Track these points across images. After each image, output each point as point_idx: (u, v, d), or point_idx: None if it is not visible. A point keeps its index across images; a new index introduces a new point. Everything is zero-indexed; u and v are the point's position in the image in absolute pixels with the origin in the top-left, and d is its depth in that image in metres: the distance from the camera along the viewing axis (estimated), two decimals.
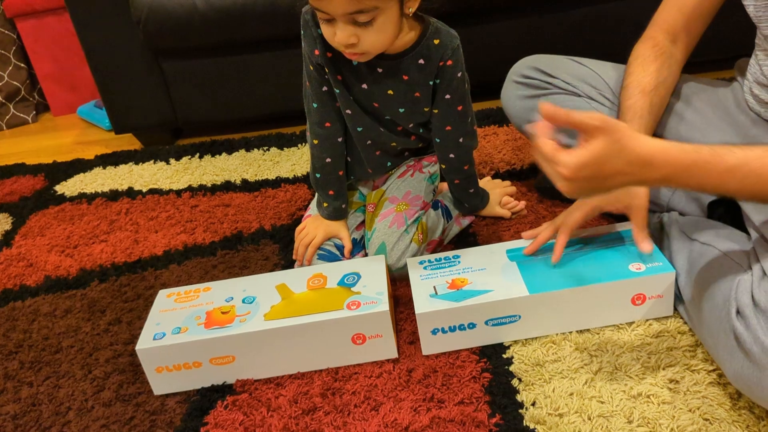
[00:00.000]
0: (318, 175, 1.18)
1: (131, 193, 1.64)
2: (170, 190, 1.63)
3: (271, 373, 1.01)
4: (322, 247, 1.18)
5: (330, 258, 1.17)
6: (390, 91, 1.08)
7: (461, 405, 0.91)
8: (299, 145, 1.75)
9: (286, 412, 0.95)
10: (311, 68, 1.08)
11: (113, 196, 1.64)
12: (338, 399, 0.95)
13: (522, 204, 1.29)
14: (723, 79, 1.15)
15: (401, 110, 1.11)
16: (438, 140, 1.14)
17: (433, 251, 1.19)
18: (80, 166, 1.84)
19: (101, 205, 1.61)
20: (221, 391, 1.00)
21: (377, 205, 1.20)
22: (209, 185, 1.62)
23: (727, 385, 0.87)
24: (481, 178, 1.35)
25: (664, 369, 0.91)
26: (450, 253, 1.08)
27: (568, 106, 1.13)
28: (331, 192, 1.18)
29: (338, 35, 0.94)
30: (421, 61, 1.05)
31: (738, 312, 0.79)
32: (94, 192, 1.68)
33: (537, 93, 1.19)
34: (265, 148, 1.76)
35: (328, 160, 1.16)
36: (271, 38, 1.69)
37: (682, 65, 1.09)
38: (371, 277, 1.04)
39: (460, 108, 1.10)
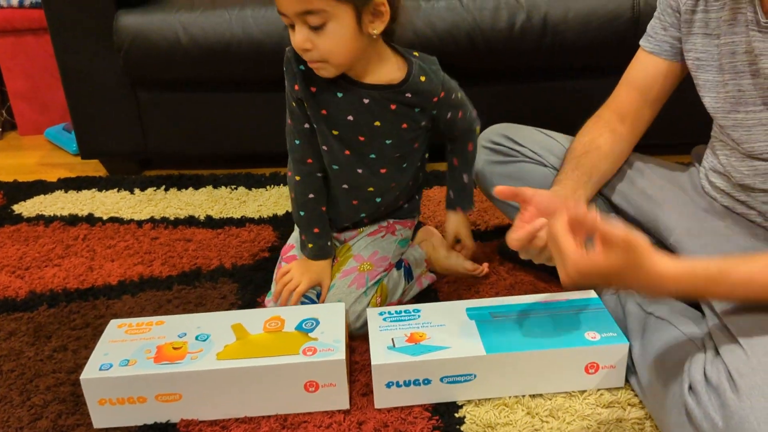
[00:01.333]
0: (302, 213, 1.16)
1: (91, 219, 1.61)
2: (131, 220, 1.60)
3: (217, 415, 0.98)
4: (305, 294, 1.15)
5: (305, 301, 1.15)
6: (377, 123, 1.08)
7: None
8: (268, 187, 1.74)
9: None
10: (293, 105, 1.09)
11: (72, 220, 1.61)
12: None
13: (486, 267, 1.30)
14: (680, 163, 1.19)
15: (388, 142, 1.11)
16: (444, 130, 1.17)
17: None
18: (42, 187, 1.80)
19: (59, 229, 1.57)
20: (164, 429, 0.97)
21: (341, 261, 1.19)
22: (172, 218, 1.60)
23: None
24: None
25: None
26: (410, 307, 1.08)
27: (535, 176, 1.17)
28: (316, 230, 1.16)
29: (295, 37, 0.97)
30: (408, 95, 1.07)
31: (690, 388, 0.80)
32: (52, 215, 1.64)
33: (505, 159, 1.21)
34: (233, 186, 1.75)
35: (311, 196, 1.15)
36: (252, 79, 1.71)
37: (632, 144, 1.14)
38: (330, 324, 1.03)
39: (460, 114, 1.14)
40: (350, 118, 1.08)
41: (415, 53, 1.09)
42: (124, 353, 0.98)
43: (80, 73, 1.74)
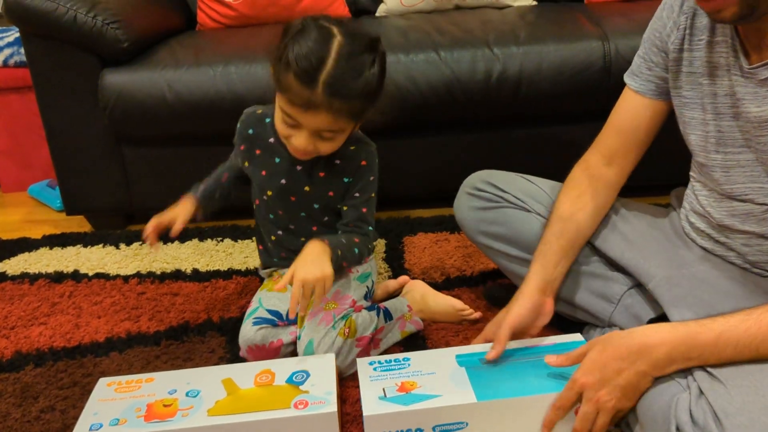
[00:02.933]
0: (210, 180, 1.31)
1: (77, 276, 1.61)
2: (117, 276, 1.60)
3: None
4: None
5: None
6: (307, 188, 1.18)
7: None
8: (254, 238, 1.75)
9: None
10: (236, 153, 1.26)
11: (57, 277, 1.60)
12: None
13: (476, 313, 1.32)
14: (659, 205, 1.23)
15: (316, 206, 1.20)
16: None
17: (365, 348, 1.19)
18: (26, 245, 1.80)
19: (44, 287, 1.57)
20: None
21: (307, 306, 1.20)
22: (158, 273, 1.60)
23: None
24: (434, 285, 1.39)
25: None
26: (400, 356, 1.09)
27: (518, 221, 1.20)
28: (202, 185, 1.29)
29: (299, 141, 1.06)
30: (338, 161, 1.17)
31: (678, 429, 0.81)
32: (37, 272, 1.64)
33: (489, 205, 1.24)
34: (219, 238, 1.76)
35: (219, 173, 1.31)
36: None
37: (618, 187, 1.16)
38: (320, 376, 1.03)
39: (364, 210, 1.21)
40: (283, 181, 1.19)
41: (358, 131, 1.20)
42: (114, 412, 0.98)
43: (65, 130, 1.76)
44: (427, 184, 1.83)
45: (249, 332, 1.17)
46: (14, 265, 1.68)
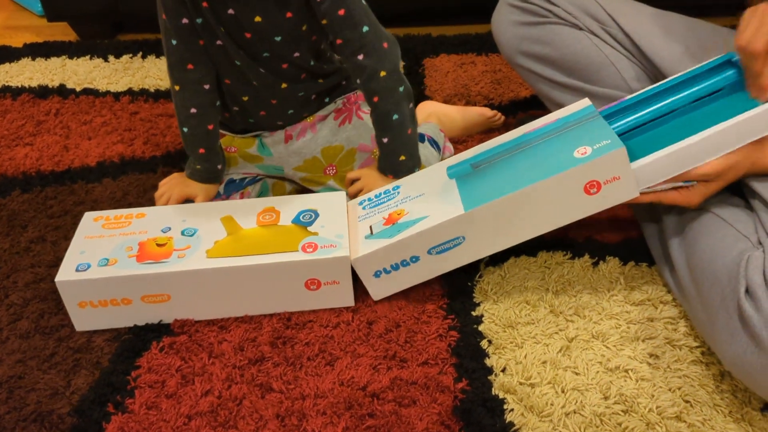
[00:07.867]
0: (185, 130, 0.99)
1: (63, 91, 1.46)
2: (107, 92, 1.45)
3: (213, 315, 0.90)
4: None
5: None
6: (258, 18, 0.90)
7: (425, 366, 0.83)
8: None
9: (230, 361, 0.84)
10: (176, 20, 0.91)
11: (42, 92, 1.45)
12: (289, 349, 0.85)
13: (501, 117, 1.26)
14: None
15: (277, 39, 0.92)
16: (351, 72, 0.97)
17: None
18: (6, 54, 1.63)
19: (28, 102, 1.42)
20: (157, 330, 0.89)
21: (340, 162, 1.06)
22: (152, 90, 1.45)
23: (710, 365, 0.81)
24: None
25: (643, 341, 0.84)
26: (390, 186, 0.98)
27: (567, 40, 1.02)
28: (201, 150, 0.99)
29: None
30: None
31: (747, 291, 0.71)
32: (20, 86, 1.48)
33: (534, 20, 1.05)
34: None
35: (193, 110, 0.97)
36: None
37: None
38: (331, 216, 0.92)
39: (341, 12, 0.89)
40: (231, 11, 0.89)
41: None
42: (103, 251, 0.88)
43: None
44: None
45: None
46: None
